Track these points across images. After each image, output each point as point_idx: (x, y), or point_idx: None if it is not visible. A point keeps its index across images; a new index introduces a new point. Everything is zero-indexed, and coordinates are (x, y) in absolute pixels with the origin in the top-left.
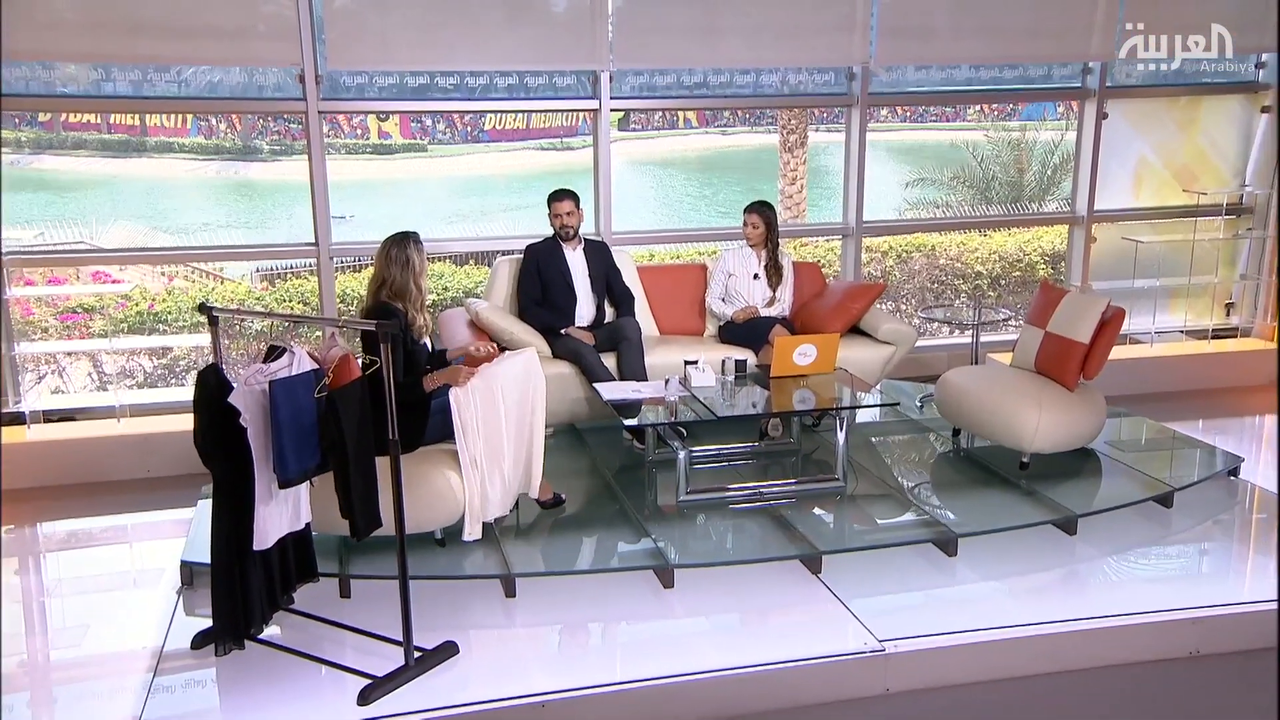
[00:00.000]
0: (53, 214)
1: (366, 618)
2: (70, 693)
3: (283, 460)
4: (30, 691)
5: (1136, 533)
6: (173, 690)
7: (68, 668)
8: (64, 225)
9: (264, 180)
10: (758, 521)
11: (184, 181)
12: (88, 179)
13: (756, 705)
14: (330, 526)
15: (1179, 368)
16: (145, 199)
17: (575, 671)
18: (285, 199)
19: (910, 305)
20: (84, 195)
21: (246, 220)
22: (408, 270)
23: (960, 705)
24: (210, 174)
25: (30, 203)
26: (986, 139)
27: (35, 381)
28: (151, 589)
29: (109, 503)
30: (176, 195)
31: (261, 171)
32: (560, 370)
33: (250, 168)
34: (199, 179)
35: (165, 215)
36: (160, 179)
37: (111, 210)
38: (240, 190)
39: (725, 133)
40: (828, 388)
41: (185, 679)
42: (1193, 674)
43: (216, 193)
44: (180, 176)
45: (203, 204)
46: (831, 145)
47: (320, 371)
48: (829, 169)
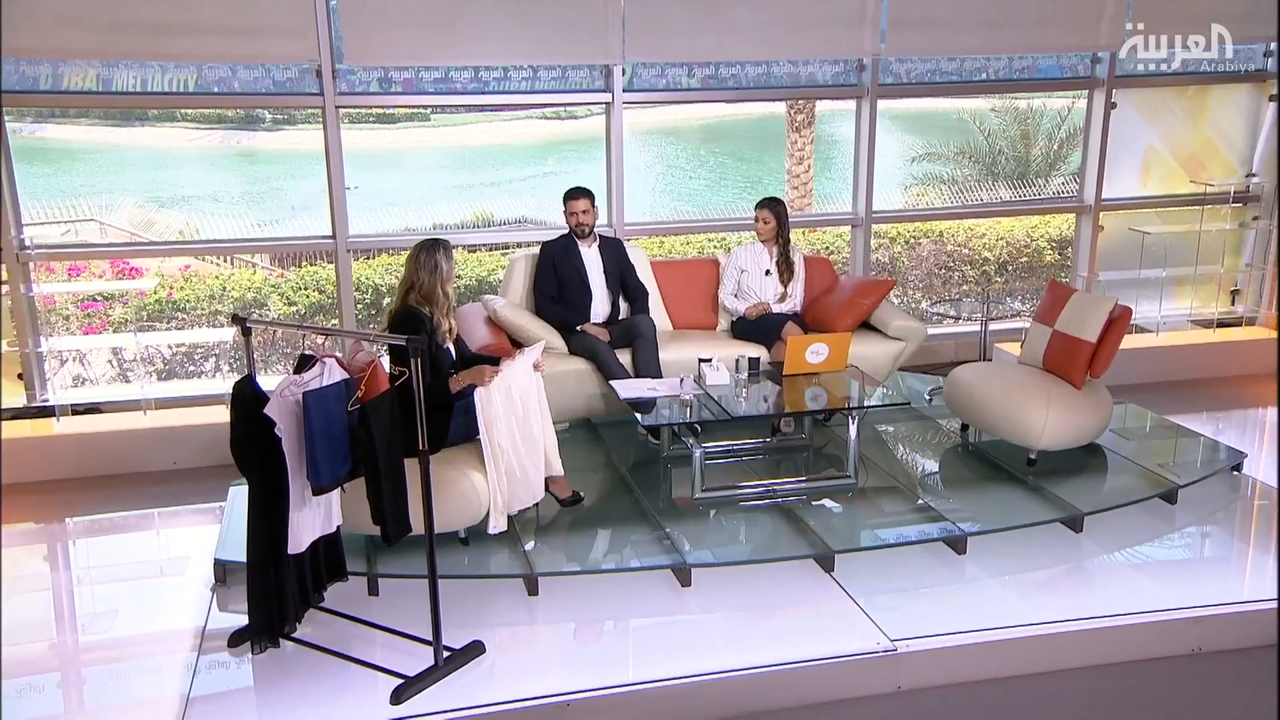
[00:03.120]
0: (59, 187)
1: (394, 615)
2: (112, 672)
3: (316, 469)
4: (62, 672)
5: (1141, 529)
6: (216, 669)
7: (105, 648)
8: (71, 198)
9: (267, 149)
10: (771, 518)
11: (186, 151)
12: (90, 147)
13: (772, 703)
14: (359, 526)
15: (1184, 357)
16: (150, 170)
17: (597, 670)
18: (290, 168)
19: (918, 292)
20: (88, 164)
21: (253, 191)
22: (436, 276)
23: (970, 703)
24: (213, 142)
25: (35, 174)
26: (993, 111)
27: (58, 367)
28: (179, 576)
29: (136, 494)
30: (180, 165)
31: (265, 140)
32: (576, 367)
33: (254, 136)
34: (201, 148)
35: (172, 187)
36: (162, 148)
37: (119, 183)
38: (244, 160)
39: (729, 102)
40: (839, 385)
41: (225, 657)
42: (1195, 671)
43: (220, 162)
44: (182, 146)
45: (207, 175)
46: (838, 115)
47: (351, 381)
48: (835, 139)
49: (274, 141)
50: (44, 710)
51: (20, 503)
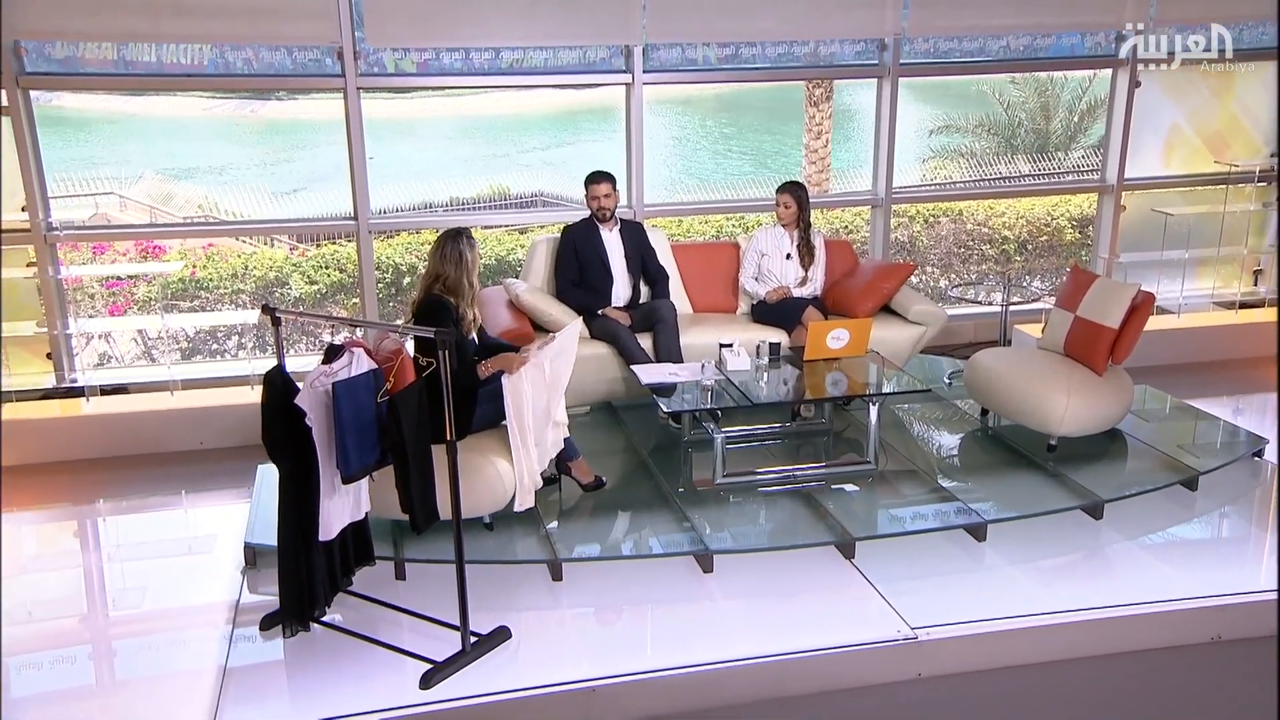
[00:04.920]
0: (78, 157)
1: (421, 599)
2: (148, 644)
3: (345, 457)
4: (97, 645)
5: (1161, 516)
6: (249, 643)
7: (139, 621)
8: (90, 168)
9: (282, 118)
10: (791, 504)
11: (201, 121)
12: (106, 116)
13: (794, 689)
14: (386, 510)
15: (1206, 338)
16: (166, 140)
17: (622, 656)
18: (305, 137)
19: (936, 269)
20: (105, 134)
21: (269, 160)
22: (460, 266)
23: (991, 690)
24: (228, 111)
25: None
26: (1013, 83)
27: (84, 344)
28: (208, 555)
29: (164, 474)
30: (196, 135)
31: (279, 110)
32: (597, 351)
33: (267, 105)
34: (216, 117)
35: (189, 158)
36: (177, 117)
37: (136, 154)
38: (260, 129)
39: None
40: (860, 370)
41: (258, 633)
42: (1215, 660)
43: (235, 131)
44: (198, 114)
45: (223, 145)
46: (857, 85)
47: (379, 371)
48: (853, 109)
49: (289, 111)
50: (81, 680)
51: (51, 482)
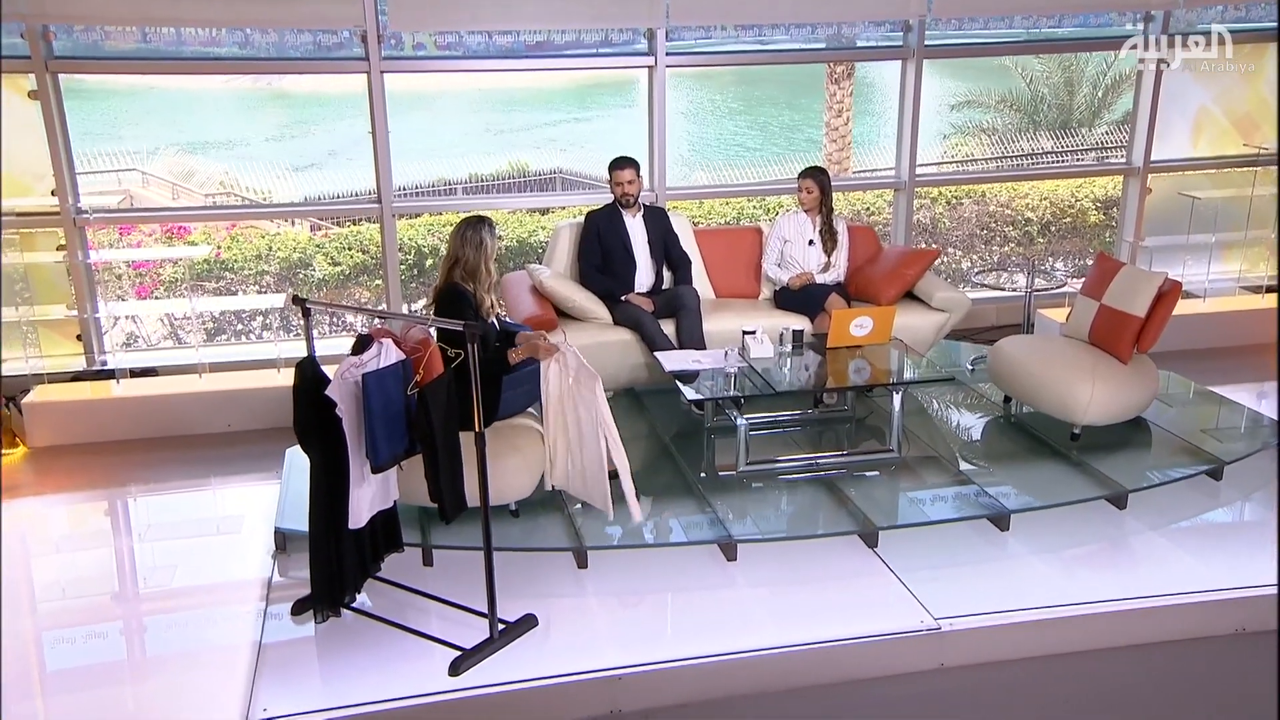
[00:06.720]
0: (100, 130)
1: (448, 585)
2: (186, 620)
3: (375, 447)
4: (129, 620)
5: (1185, 506)
6: (282, 620)
7: (173, 597)
8: (112, 143)
9: (300, 92)
10: (814, 492)
11: (220, 93)
12: (126, 88)
13: (818, 678)
14: (414, 496)
15: (1232, 323)
16: (186, 113)
17: (647, 644)
18: (324, 111)
19: (959, 251)
20: (126, 106)
21: (288, 135)
22: (480, 252)
23: (1013, 680)
24: (246, 85)
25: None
26: (1036, 56)
27: (112, 325)
28: (236, 535)
29: (193, 455)
30: (215, 108)
31: (296, 83)
32: (621, 337)
33: (285, 79)
34: (234, 90)
35: (208, 131)
36: (196, 90)
37: (156, 128)
38: (277, 102)
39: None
40: (883, 358)
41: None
42: (1238, 652)
43: (254, 104)
44: (216, 88)
45: (243, 118)
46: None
47: (407, 362)
48: (874, 84)
49: (308, 84)
50: (117, 655)
51: (81, 463)
